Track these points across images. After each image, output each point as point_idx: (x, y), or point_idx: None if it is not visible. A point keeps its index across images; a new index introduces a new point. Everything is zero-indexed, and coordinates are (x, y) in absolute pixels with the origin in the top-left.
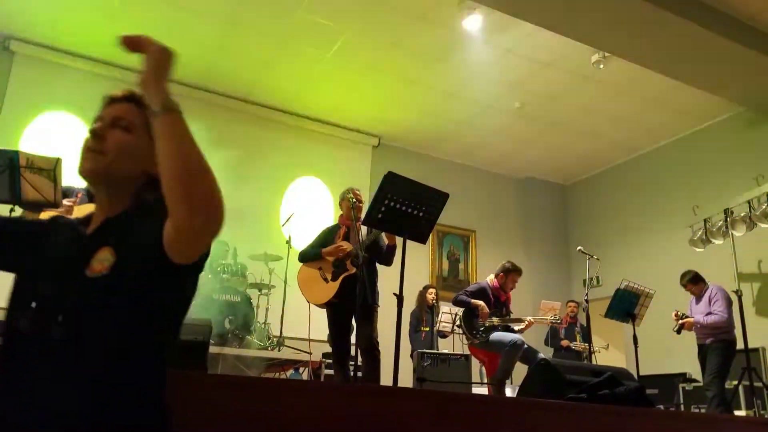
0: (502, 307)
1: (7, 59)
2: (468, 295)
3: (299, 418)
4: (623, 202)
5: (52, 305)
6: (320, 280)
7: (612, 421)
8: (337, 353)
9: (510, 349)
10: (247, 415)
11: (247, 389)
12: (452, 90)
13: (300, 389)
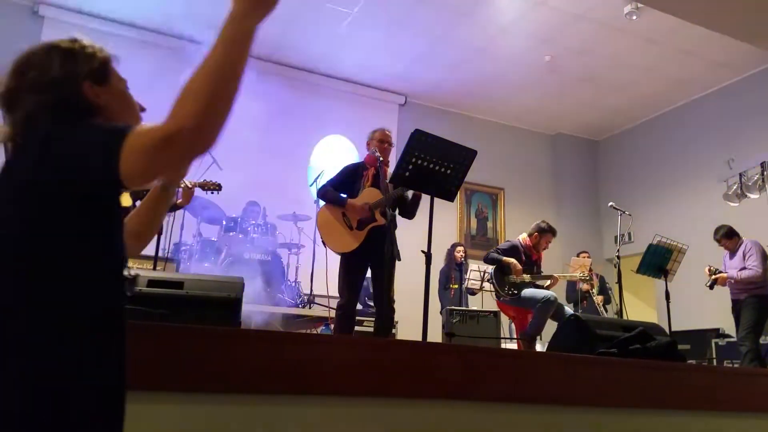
0: (533, 265)
1: (37, 24)
2: (500, 252)
3: (331, 370)
4: (656, 157)
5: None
6: (343, 227)
7: (643, 375)
8: (348, 305)
9: (543, 305)
10: (281, 367)
11: (281, 343)
12: (480, 45)
13: (332, 343)
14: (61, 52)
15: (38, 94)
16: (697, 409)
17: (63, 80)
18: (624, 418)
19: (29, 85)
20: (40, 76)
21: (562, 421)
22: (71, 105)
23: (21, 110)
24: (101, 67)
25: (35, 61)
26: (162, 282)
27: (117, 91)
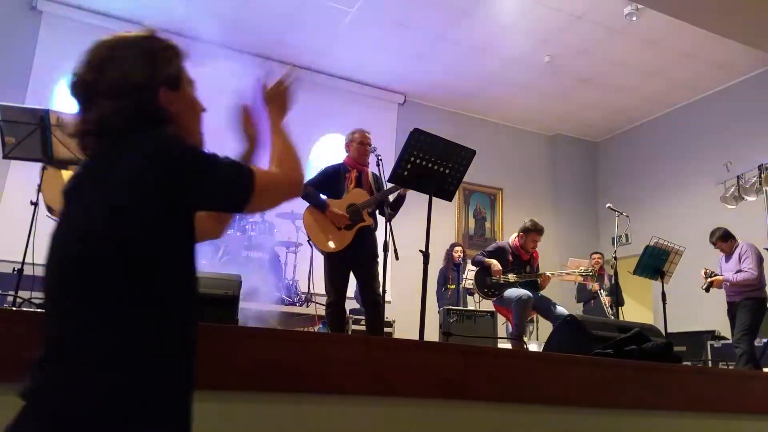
0: (524, 265)
1: (35, 19)
2: (485, 254)
3: (328, 368)
4: (654, 159)
5: None
6: (330, 226)
7: (638, 376)
8: (336, 303)
9: (516, 304)
10: (279, 365)
11: (279, 341)
12: (479, 45)
13: (329, 341)
14: (143, 54)
15: (117, 99)
16: (693, 411)
17: (143, 86)
18: (619, 418)
19: (108, 86)
20: (122, 79)
21: (558, 421)
22: (147, 112)
23: (96, 111)
24: (177, 72)
25: (117, 60)
26: None
27: (188, 97)
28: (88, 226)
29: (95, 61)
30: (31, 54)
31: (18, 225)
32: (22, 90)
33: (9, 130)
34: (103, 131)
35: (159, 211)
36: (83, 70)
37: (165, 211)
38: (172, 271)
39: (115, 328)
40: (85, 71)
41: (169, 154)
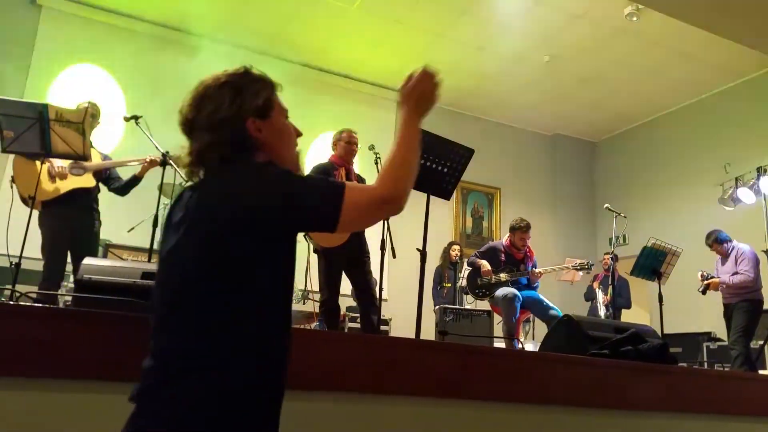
0: (518, 264)
1: (35, 13)
2: (478, 255)
3: (325, 366)
4: (653, 159)
5: None
6: None
7: (634, 377)
8: (330, 301)
9: (502, 302)
10: None
11: None
12: (479, 44)
13: (326, 340)
14: (232, 89)
15: (210, 133)
16: (688, 412)
17: (231, 118)
18: (614, 419)
19: (202, 122)
20: (213, 114)
21: (553, 420)
22: (237, 142)
23: (196, 144)
24: (265, 103)
25: (210, 98)
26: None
27: (278, 124)
28: (193, 251)
29: (194, 100)
30: (30, 48)
31: (15, 219)
32: (21, 84)
33: (8, 124)
34: (202, 162)
35: (256, 236)
36: (186, 109)
37: (262, 236)
38: (270, 289)
39: (216, 341)
40: (187, 109)
41: (260, 181)
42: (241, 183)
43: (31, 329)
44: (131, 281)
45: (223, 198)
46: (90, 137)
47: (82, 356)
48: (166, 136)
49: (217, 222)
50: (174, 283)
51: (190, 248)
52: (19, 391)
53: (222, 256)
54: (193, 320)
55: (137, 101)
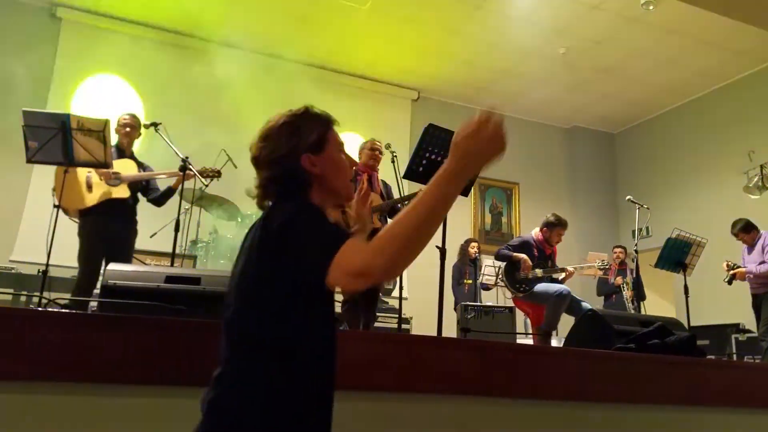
0: (547, 260)
1: (55, 26)
2: (510, 248)
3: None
4: (674, 149)
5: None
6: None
7: (661, 371)
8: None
9: (556, 300)
10: None
11: None
12: (493, 38)
13: (346, 339)
14: (289, 127)
15: (269, 170)
16: (718, 405)
17: (287, 156)
18: (642, 414)
19: (263, 160)
20: (271, 153)
21: (580, 416)
22: (291, 177)
23: (259, 179)
24: (319, 138)
25: (270, 138)
26: (179, 278)
27: (332, 158)
28: (250, 276)
29: (259, 140)
30: (51, 60)
31: (42, 228)
32: (43, 95)
33: (32, 135)
34: (265, 196)
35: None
36: (253, 147)
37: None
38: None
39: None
40: (254, 147)
41: (286, 222)
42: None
43: (56, 334)
44: (155, 285)
45: (262, 238)
46: (133, 147)
47: (106, 360)
48: (184, 142)
49: (262, 251)
50: (235, 301)
51: (249, 273)
52: (46, 395)
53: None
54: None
55: (156, 108)
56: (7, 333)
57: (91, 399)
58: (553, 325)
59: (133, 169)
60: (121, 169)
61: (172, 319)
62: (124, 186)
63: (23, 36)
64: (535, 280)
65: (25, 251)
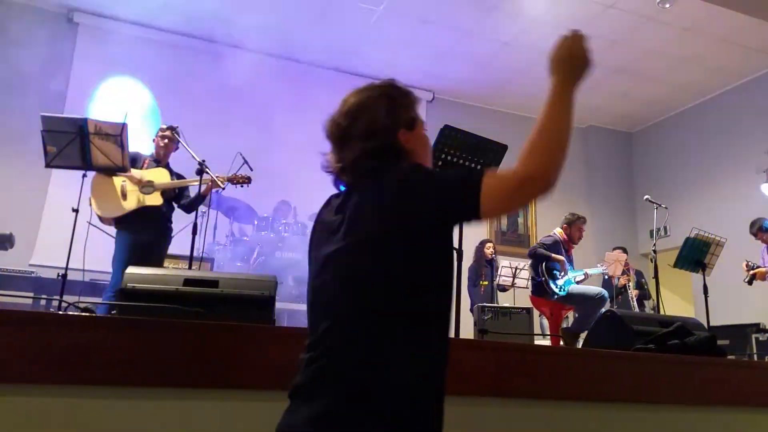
0: (570, 260)
1: (72, 31)
2: (545, 248)
3: None
4: (692, 148)
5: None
6: None
7: (682, 371)
8: None
9: (597, 301)
10: None
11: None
12: (508, 38)
13: None
14: (388, 101)
15: (365, 141)
16: (738, 406)
17: (387, 129)
18: (663, 414)
19: (359, 131)
20: (371, 123)
21: (599, 417)
22: (390, 150)
23: (350, 153)
24: (413, 116)
25: (367, 108)
26: (197, 281)
27: (420, 135)
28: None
29: (350, 110)
30: (68, 64)
31: (60, 232)
32: (61, 99)
33: (50, 140)
34: (356, 168)
35: (414, 235)
36: (341, 118)
37: (420, 234)
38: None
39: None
40: (342, 118)
41: (412, 179)
42: (395, 186)
43: (77, 337)
44: (174, 288)
45: (380, 201)
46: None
47: (127, 362)
48: (201, 145)
49: (378, 224)
50: (338, 286)
51: (353, 251)
52: (68, 398)
53: (384, 256)
54: (357, 319)
55: (172, 111)
56: (29, 336)
57: (113, 402)
58: (586, 327)
59: (166, 177)
60: (154, 177)
61: (192, 322)
62: (157, 194)
63: (41, 41)
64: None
65: (44, 255)
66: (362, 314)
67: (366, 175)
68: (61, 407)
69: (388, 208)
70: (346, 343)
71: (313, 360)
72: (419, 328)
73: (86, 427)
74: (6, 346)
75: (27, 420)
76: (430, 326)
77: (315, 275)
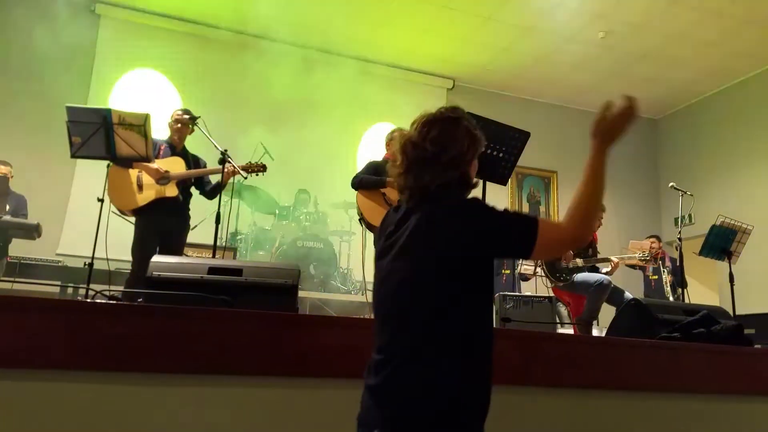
0: (588, 248)
1: (94, 22)
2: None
3: None
4: (718, 134)
5: None
6: (384, 205)
7: (708, 360)
8: None
9: (596, 290)
10: (339, 352)
11: (338, 328)
12: (529, 24)
13: None
14: (468, 132)
15: (450, 171)
16: (765, 396)
17: (467, 161)
18: (688, 403)
19: (445, 161)
20: (458, 156)
21: (624, 406)
22: (463, 180)
23: (427, 177)
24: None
25: (454, 138)
26: (222, 269)
27: (474, 164)
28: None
29: (438, 139)
30: (91, 56)
31: (85, 221)
32: (84, 91)
33: (75, 130)
34: (426, 192)
35: (468, 258)
36: (426, 143)
37: (472, 258)
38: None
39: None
40: (429, 144)
41: (474, 213)
42: (458, 214)
43: (105, 324)
44: (199, 276)
45: (447, 227)
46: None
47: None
48: (222, 134)
49: (435, 245)
50: (398, 301)
51: (410, 265)
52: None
53: (437, 273)
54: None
55: (194, 102)
56: (59, 324)
57: (142, 389)
58: (594, 315)
59: (181, 166)
60: (170, 166)
61: (218, 309)
62: (173, 184)
63: (64, 33)
64: (575, 269)
65: (71, 245)
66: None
67: (431, 199)
68: (90, 393)
69: (455, 235)
70: (409, 355)
71: (383, 365)
72: (472, 344)
73: (115, 413)
74: (37, 333)
75: (58, 405)
76: (482, 343)
77: (379, 284)
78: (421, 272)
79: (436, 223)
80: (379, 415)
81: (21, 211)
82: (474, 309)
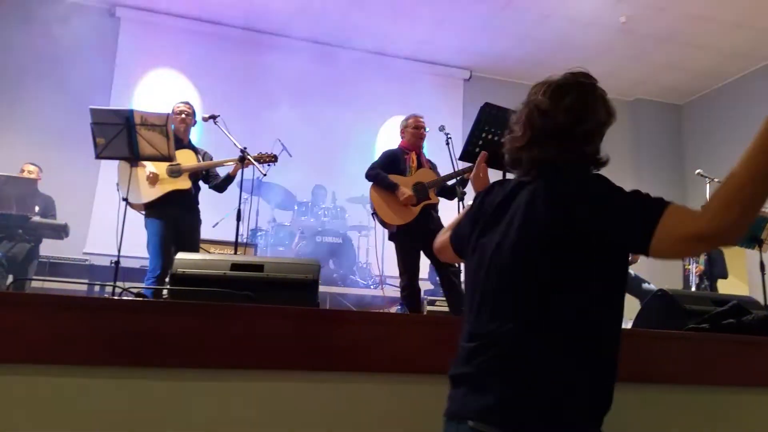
0: None
1: (114, 25)
2: None
3: (408, 349)
4: (745, 119)
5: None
6: (396, 202)
7: (739, 351)
8: (410, 285)
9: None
10: (359, 346)
11: (358, 323)
12: (547, 10)
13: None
14: (603, 102)
15: (586, 144)
16: None
17: (601, 136)
18: (718, 396)
19: (581, 134)
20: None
21: (652, 398)
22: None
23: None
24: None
25: (592, 110)
26: (244, 265)
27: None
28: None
29: (573, 109)
30: (112, 58)
31: (110, 220)
32: (107, 93)
33: (99, 132)
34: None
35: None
36: (558, 112)
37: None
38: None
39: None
40: (562, 115)
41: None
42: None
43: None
44: (222, 273)
45: (565, 199)
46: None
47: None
48: (241, 132)
49: (555, 220)
50: (505, 282)
51: (522, 244)
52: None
53: (556, 251)
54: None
55: (213, 101)
56: (88, 321)
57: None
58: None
59: (192, 159)
60: (181, 159)
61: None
62: (185, 177)
63: (85, 36)
64: None
65: (97, 244)
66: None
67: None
68: (116, 388)
69: (577, 211)
70: (515, 343)
71: (479, 352)
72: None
73: (141, 408)
74: (65, 330)
75: (87, 399)
76: (599, 335)
77: (478, 264)
78: (538, 249)
79: (557, 197)
80: (477, 405)
81: (50, 212)
82: (598, 296)
